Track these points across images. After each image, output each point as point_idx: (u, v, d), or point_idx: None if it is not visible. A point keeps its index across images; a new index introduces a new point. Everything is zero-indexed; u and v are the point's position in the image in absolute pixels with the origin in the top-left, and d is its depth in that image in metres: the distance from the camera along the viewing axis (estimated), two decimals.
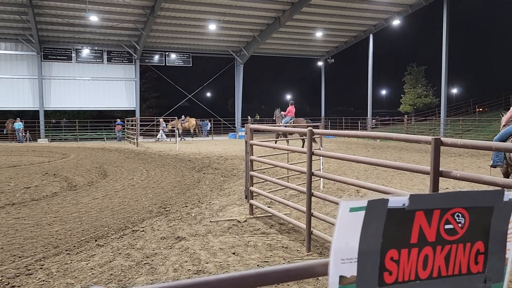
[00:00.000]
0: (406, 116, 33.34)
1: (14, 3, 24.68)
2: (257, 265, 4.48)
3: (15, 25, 27.57)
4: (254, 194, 6.82)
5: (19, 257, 4.73)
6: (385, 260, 0.95)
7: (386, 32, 35.03)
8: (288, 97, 70.53)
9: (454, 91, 51.42)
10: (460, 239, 1.01)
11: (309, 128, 4.97)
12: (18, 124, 27.98)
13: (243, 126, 28.76)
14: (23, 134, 28.61)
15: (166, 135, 28.47)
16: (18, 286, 3.96)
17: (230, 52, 34.73)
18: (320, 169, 8.22)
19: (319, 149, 8.04)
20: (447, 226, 1.00)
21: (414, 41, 51.27)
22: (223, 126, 35.12)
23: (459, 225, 1.01)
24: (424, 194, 0.96)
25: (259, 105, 59.35)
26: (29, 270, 4.34)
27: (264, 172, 8.38)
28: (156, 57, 33.33)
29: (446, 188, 8.47)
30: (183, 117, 29.34)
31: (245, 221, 6.28)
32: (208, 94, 59.54)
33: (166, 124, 28.95)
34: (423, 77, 39.51)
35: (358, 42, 35.18)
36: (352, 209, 0.90)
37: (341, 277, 0.92)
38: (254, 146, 6.72)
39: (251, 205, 6.66)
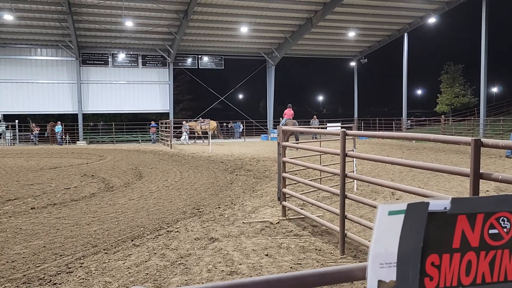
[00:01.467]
0: (443, 116, 32.33)
1: (54, 11, 25.75)
2: (290, 267, 4.46)
3: (55, 32, 28.76)
4: (286, 196, 6.80)
5: (60, 255, 4.91)
6: (425, 265, 0.92)
7: (421, 31, 34.14)
8: (320, 98, 70.15)
9: (494, 90, 49.54)
10: (505, 245, 0.97)
11: (342, 129, 4.91)
12: (58, 127, 29.16)
13: (275, 128, 28.77)
14: (63, 136, 29.75)
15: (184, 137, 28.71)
16: (60, 284, 4.10)
17: (262, 54, 34.82)
18: (353, 171, 8.10)
19: (353, 150, 7.93)
20: (491, 231, 0.96)
21: (451, 39, 49.81)
22: (255, 127, 35.23)
23: (505, 230, 0.97)
24: (467, 198, 0.93)
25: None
26: (69, 268, 4.50)
27: (296, 174, 8.34)
28: (189, 60, 33.87)
29: (487, 191, 8.15)
30: (200, 119, 29.60)
31: (278, 222, 6.27)
32: (240, 96, 60.00)
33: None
34: (461, 76, 38.24)
35: (392, 41, 34.43)
36: (391, 213, 0.88)
37: (380, 282, 0.90)
38: (286, 147, 6.71)
39: (283, 207, 6.64)
